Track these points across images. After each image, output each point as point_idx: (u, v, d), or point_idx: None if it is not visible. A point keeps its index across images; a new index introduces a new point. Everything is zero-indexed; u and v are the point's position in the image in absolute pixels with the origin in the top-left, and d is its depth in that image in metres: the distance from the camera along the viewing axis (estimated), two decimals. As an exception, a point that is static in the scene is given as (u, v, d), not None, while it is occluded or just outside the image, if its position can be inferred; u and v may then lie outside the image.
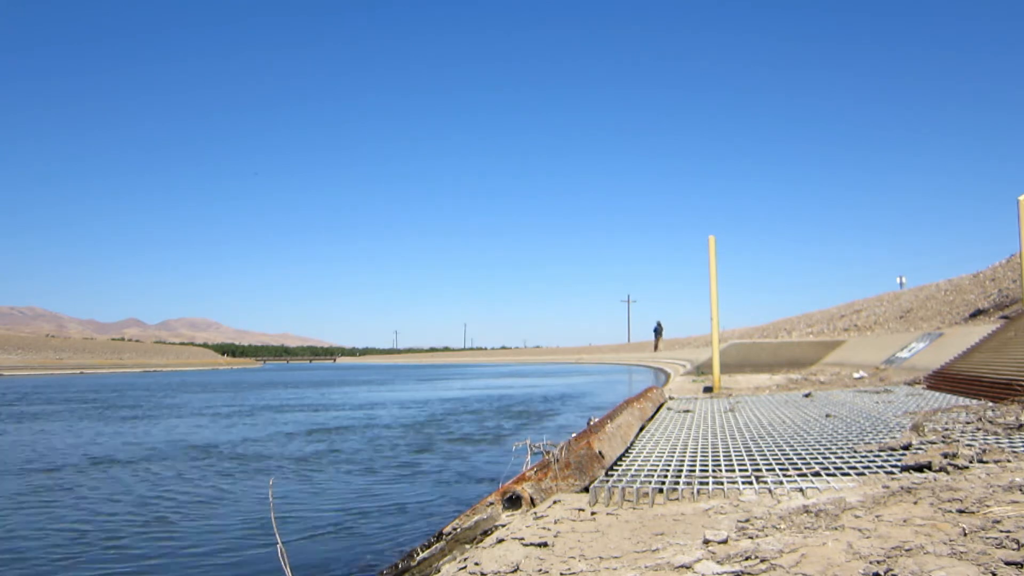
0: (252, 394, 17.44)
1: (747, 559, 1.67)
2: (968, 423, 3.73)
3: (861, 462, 2.86)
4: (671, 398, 7.15)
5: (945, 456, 2.63)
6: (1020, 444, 3.01)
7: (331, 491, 5.01)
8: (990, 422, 3.64)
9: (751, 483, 2.58)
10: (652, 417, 5.13)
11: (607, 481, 2.69)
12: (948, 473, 2.48)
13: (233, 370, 49.37)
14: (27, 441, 8.17)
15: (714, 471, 2.85)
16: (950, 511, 1.94)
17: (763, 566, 1.61)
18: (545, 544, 2.01)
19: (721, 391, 8.23)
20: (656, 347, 40.84)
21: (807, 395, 6.69)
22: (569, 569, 1.79)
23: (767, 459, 3.09)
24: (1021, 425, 3.45)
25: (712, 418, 4.96)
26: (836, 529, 1.86)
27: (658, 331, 41.03)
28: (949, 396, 5.74)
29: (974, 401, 5.04)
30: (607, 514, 2.30)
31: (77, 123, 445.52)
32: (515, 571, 1.85)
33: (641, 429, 4.35)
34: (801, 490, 2.41)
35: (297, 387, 21.16)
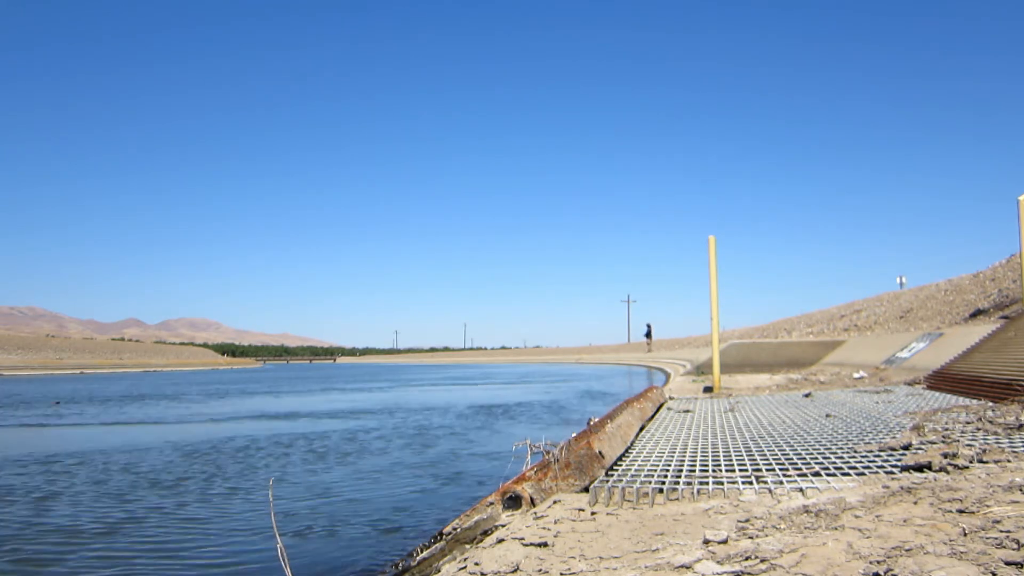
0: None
1: (747, 559, 1.67)
2: (968, 423, 3.73)
3: (861, 462, 2.86)
4: (671, 398, 7.16)
5: (945, 456, 2.63)
6: (1020, 444, 3.01)
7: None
8: (990, 422, 3.64)
9: (751, 483, 2.58)
10: (652, 417, 5.13)
11: (607, 481, 2.69)
12: (948, 473, 2.48)
13: (232, 370, 49.38)
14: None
15: (714, 471, 2.85)
16: (950, 511, 1.94)
17: (763, 566, 1.61)
18: (545, 544, 2.01)
19: (721, 391, 8.23)
20: (648, 348, 44.38)
21: (807, 395, 6.69)
22: (569, 569, 1.78)
23: (767, 459, 3.09)
24: (1021, 425, 3.45)
25: (712, 418, 4.96)
26: (836, 529, 1.86)
27: (648, 333, 45.36)
28: (949, 396, 5.74)
29: (974, 401, 5.03)
30: (607, 514, 2.30)
31: (77, 123, 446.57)
32: (515, 571, 1.85)
33: (641, 429, 4.35)
34: (801, 490, 2.41)
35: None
